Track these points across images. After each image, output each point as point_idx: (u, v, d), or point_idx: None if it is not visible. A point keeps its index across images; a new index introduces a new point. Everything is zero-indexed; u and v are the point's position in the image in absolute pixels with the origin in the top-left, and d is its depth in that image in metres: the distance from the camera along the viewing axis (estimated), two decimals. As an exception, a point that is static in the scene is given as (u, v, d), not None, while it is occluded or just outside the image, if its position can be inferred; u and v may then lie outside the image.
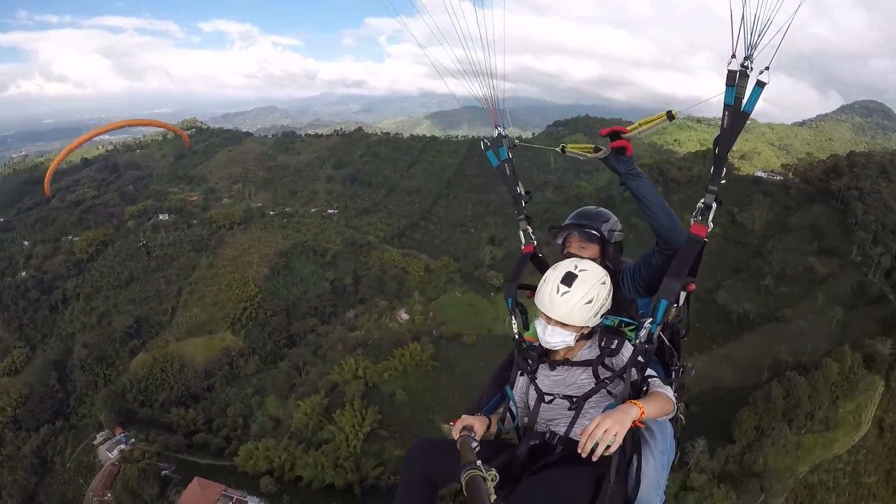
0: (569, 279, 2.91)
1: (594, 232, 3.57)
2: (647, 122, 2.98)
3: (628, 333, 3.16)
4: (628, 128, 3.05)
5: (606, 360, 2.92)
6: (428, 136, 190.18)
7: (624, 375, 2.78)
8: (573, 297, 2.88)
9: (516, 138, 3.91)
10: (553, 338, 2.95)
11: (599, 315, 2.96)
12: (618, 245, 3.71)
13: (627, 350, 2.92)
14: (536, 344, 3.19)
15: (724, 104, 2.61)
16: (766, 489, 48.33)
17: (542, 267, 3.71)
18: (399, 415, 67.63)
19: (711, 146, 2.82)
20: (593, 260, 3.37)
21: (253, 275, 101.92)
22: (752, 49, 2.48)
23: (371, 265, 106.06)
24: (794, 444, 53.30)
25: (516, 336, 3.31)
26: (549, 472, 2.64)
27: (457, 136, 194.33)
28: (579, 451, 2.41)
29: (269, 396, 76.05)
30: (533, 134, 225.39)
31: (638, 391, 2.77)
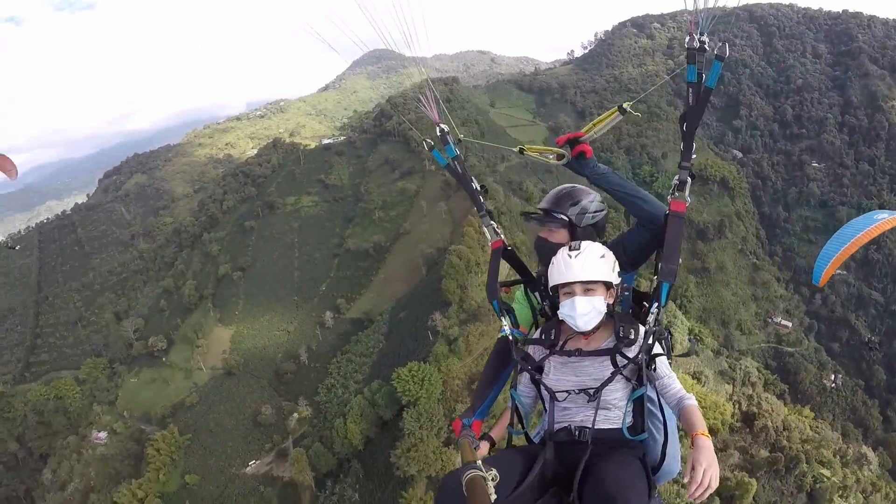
0: (575, 246, 2.92)
1: (562, 217, 3.33)
2: (601, 121, 3.01)
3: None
4: (582, 131, 3.03)
5: (624, 350, 2.83)
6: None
7: (638, 360, 2.78)
8: (586, 254, 2.86)
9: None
10: (584, 308, 2.82)
11: (616, 271, 2.92)
12: (593, 227, 3.40)
13: (640, 335, 2.88)
14: (540, 337, 3.04)
15: (688, 82, 2.62)
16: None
17: (514, 260, 3.58)
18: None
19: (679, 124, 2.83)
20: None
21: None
22: (705, 25, 2.54)
23: (17, 422, 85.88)
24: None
25: (510, 337, 3.16)
26: (609, 465, 2.58)
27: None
28: (691, 499, 2.44)
29: None
30: (88, 196, 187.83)
31: (641, 369, 2.80)
